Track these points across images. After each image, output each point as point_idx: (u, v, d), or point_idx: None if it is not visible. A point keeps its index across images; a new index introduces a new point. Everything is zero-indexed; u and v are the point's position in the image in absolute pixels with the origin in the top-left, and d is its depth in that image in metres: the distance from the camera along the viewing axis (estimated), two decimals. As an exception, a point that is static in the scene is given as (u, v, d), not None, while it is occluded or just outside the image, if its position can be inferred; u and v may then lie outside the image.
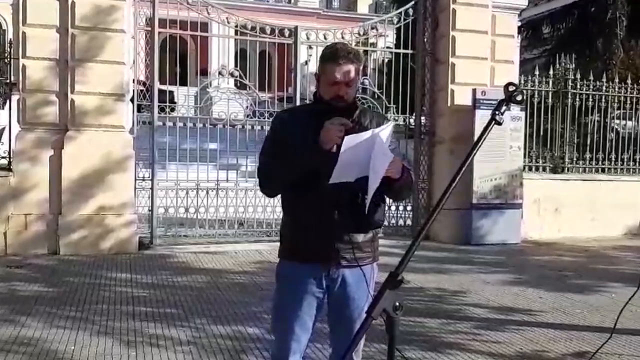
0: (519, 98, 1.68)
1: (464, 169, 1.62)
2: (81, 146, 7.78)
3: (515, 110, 9.21)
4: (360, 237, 2.45)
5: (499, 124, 1.73)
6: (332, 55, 2.41)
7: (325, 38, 9.36)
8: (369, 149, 2.18)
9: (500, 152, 9.17)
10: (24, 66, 7.72)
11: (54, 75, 7.78)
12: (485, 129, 1.68)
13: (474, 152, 1.64)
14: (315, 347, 4.17)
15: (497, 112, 1.70)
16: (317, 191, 2.33)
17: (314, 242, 2.41)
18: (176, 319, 5.12)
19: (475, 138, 8.75)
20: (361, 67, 2.47)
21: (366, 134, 2.22)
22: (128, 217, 7.98)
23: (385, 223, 9.67)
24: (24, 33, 7.71)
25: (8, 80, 8.45)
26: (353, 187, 2.30)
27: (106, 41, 7.89)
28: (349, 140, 2.18)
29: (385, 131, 2.21)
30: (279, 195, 2.61)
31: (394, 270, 1.76)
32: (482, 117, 9.13)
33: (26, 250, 7.56)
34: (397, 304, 1.65)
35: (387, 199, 2.61)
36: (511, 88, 1.69)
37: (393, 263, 2.61)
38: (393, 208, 9.85)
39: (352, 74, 2.39)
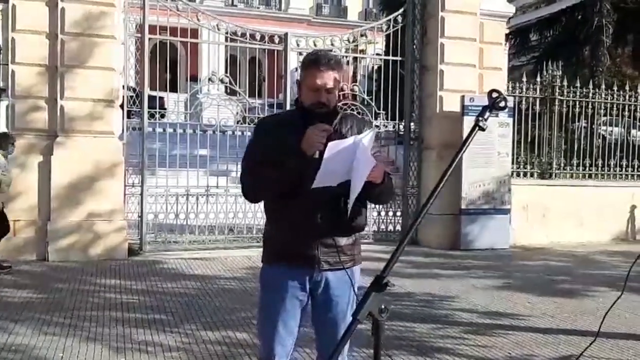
0: (502, 105, 1.72)
1: (447, 174, 1.64)
2: (71, 152, 7.77)
3: (503, 116, 9.30)
4: (343, 241, 2.48)
5: (483, 129, 1.76)
6: (314, 62, 2.43)
7: (315, 45, 9.41)
8: (352, 154, 2.21)
9: (488, 158, 9.26)
10: (13, 72, 7.71)
11: (43, 81, 7.77)
12: (469, 135, 1.71)
13: (458, 157, 1.67)
14: (304, 351, 4.18)
15: (480, 119, 1.73)
16: (300, 196, 2.35)
17: (298, 245, 2.43)
18: (166, 325, 5.11)
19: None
20: (343, 74, 2.49)
21: (349, 140, 2.25)
22: (117, 224, 7.96)
23: (375, 228, 9.84)
24: (13, 39, 7.71)
25: (-2, 86, 8.44)
26: (335, 191, 2.32)
27: (96, 47, 7.89)
28: (332, 146, 2.21)
29: (367, 137, 2.24)
30: (250, 201, 2.61)
31: (390, 274, 1.79)
32: (470, 123, 9.05)
33: (15, 256, 7.52)
34: (383, 306, 1.68)
35: (369, 203, 2.63)
36: (494, 95, 1.73)
37: (381, 267, 2.65)
38: (383, 214, 9.90)
39: (333, 81, 2.42)
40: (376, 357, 1.66)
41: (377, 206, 9.68)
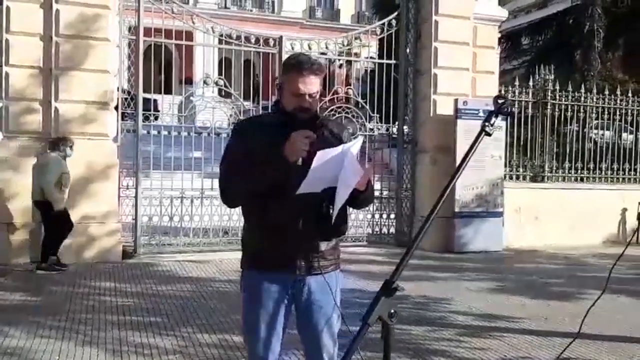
0: (507, 110, 1.74)
1: (456, 178, 1.66)
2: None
3: (497, 120, 9.34)
4: (323, 245, 2.46)
5: (489, 135, 1.79)
6: (296, 66, 2.37)
7: (309, 48, 9.43)
8: (339, 162, 2.21)
9: (481, 161, 9.30)
10: (7, 74, 7.68)
11: (37, 83, 7.75)
12: (475, 140, 1.73)
13: (465, 162, 1.70)
14: (292, 353, 4.19)
15: (486, 124, 1.76)
16: (281, 201, 2.32)
17: (278, 250, 2.40)
18: (162, 327, 5.11)
19: (457, 147, 8.82)
20: (323, 78, 2.45)
21: (337, 149, 2.24)
22: (112, 226, 7.94)
23: (369, 231, 9.88)
24: (7, 40, 7.67)
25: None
26: (317, 196, 2.30)
27: (90, 49, 7.88)
28: (321, 155, 2.20)
29: (355, 146, 2.25)
30: (229, 206, 2.55)
31: (384, 277, 1.81)
32: (463, 126, 9.28)
33: (9, 259, 7.48)
34: (392, 311, 1.69)
35: (349, 208, 2.60)
36: (500, 100, 1.75)
37: (377, 270, 2.67)
38: (377, 216, 9.93)
39: (316, 86, 2.38)
40: (386, 360, 1.68)
41: (371, 209, 9.71)
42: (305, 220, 2.36)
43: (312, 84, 2.36)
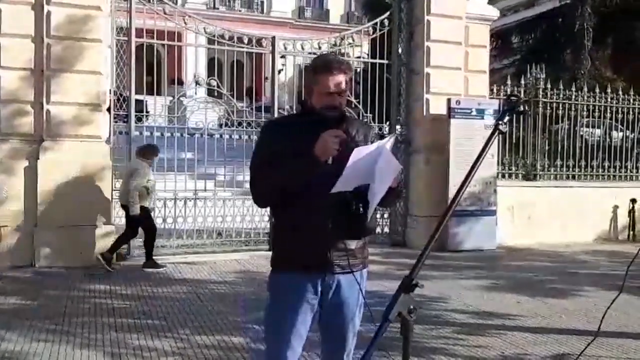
0: (521, 109, 1.76)
1: (471, 176, 1.67)
2: (57, 157, 7.68)
3: (489, 118, 9.40)
4: (353, 244, 2.49)
5: (502, 133, 1.80)
6: (325, 66, 2.46)
7: (302, 48, 9.43)
8: (374, 160, 2.24)
9: (474, 160, 9.31)
10: (-2, 76, 7.61)
11: (29, 85, 7.68)
12: (489, 138, 1.74)
13: (480, 161, 1.71)
14: (302, 355, 4.19)
15: (500, 122, 1.77)
16: (311, 200, 2.36)
17: (309, 250, 2.43)
18: (159, 329, 5.09)
19: (451, 146, 8.81)
20: (351, 77, 2.52)
21: (372, 146, 2.28)
22: (105, 228, 7.89)
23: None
24: (-2, 42, 7.61)
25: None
26: (346, 195, 2.33)
27: (82, 51, 7.82)
28: (357, 153, 2.23)
29: (389, 142, 2.28)
30: (260, 206, 2.60)
31: (378, 276, 1.81)
32: (456, 125, 9.32)
33: (2, 262, 7.41)
34: (412, 307, 1.70)
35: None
36: (513, 99, 1.77)
37: (371, 269, 2.67)
38: (370, 216, 9.93)
39: (344, 84, 2.46)
40: (405, 357, 1.68)
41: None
42: (336, 220, 2.38)
43: (341, 83, 2.44)
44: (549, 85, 10.89)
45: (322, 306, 2.52)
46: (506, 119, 1.77)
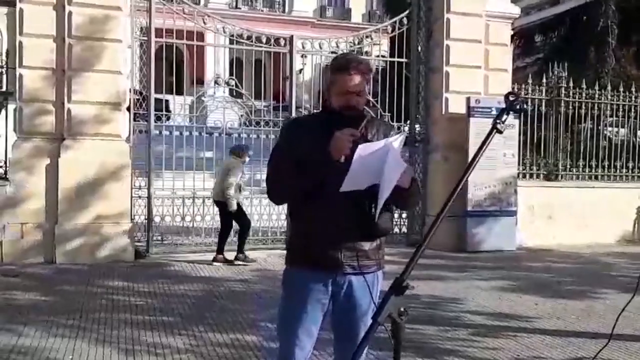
0: (518, 107, 1.73)
1: (466, 177, 1.64)
2: (78, 155, 7.80)
3: (509, 117, 9.27)
4: (367, 245, 2.48)
5: (500, 132, 1.77)
6: (344, 65, 2.45)
7: (320, 47, 9.43)
8: (382, 158, 2.21)
9: (494, 160, 9.23)
10: (20, 75, 7.75)
11: (50, 84, 7.81)
12: (487, 138, 1.72)
13: (476, 161, 1.68)
14: (312, 353, 4.19)
15: (498, 121, 1.74)
16: (325, 199, 2.37)
17: (322, 249, 2.44)
18: (174, 327, 5.13)
19: (470, 146, 8.74)
20: (370, 77, 2.51)
21: (379, 143, 2.26)
22: (124, 226, 7.99)
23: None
24: (20, 42, 7.75)
25: (4, 90, 8.47)
26: (360, 195, 2.32)
27: (103, 50, 7.93)
28: (363, 149, 2.21)
29: (397, 140, 2.24)
30: (276, 203, 2.61)
31: (394, 276, 1.80)
32: (476, 125, 9.22)
33: (22, 259, 7.55)
34: (402, 309, 1.68)
35: (394, 208, 2.63)
36: (512, 97, 1.74)
37: (388, 270, 2.66)
38: (388, 216, 9.88)
39: (363, 84, 2.44)
40: (396, 358, 1.67)
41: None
42: (349, 219, 2.38)
43: (359, 82, 2.42)
44: (571, 84, 10.73)
45: (334, 305, 2.52)
46: (504, 118, 1.74)
